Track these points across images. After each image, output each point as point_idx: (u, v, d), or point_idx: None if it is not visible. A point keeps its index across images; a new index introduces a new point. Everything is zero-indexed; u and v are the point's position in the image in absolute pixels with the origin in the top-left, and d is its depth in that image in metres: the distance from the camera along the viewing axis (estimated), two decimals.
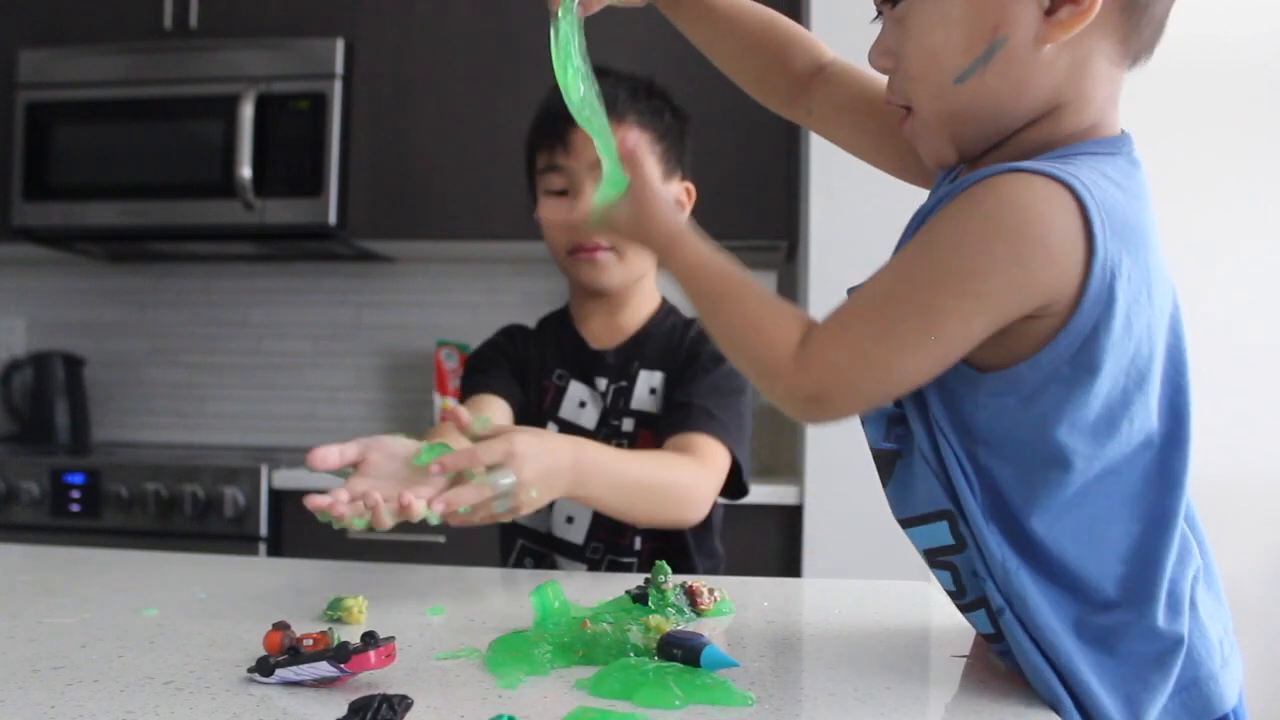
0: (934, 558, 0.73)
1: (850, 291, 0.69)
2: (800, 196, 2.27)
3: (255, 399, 2.90)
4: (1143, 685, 0.67)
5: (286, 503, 2.24)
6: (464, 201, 2.47)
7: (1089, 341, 0.63)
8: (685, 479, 1.11)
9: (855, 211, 2.06)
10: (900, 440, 0.72)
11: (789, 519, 2.05)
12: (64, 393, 2.79)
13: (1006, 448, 0.68)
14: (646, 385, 1.27)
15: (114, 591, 0.95)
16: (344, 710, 0.58)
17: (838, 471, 2.00)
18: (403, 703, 0.58)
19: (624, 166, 0.80)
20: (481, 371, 1.30)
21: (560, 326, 1.35)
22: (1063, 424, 0.65)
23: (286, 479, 2.23)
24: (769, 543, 2.08)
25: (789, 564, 2.06)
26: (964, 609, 0.74)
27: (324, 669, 0.65)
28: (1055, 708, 0.66)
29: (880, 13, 0.75)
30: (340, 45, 2.46)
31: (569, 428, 1.27)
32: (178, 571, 1.06)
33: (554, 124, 1.23)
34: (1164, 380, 0.68)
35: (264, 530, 2.21)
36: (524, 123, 2.40)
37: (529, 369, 1.31)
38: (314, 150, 2.43)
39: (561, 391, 1.29)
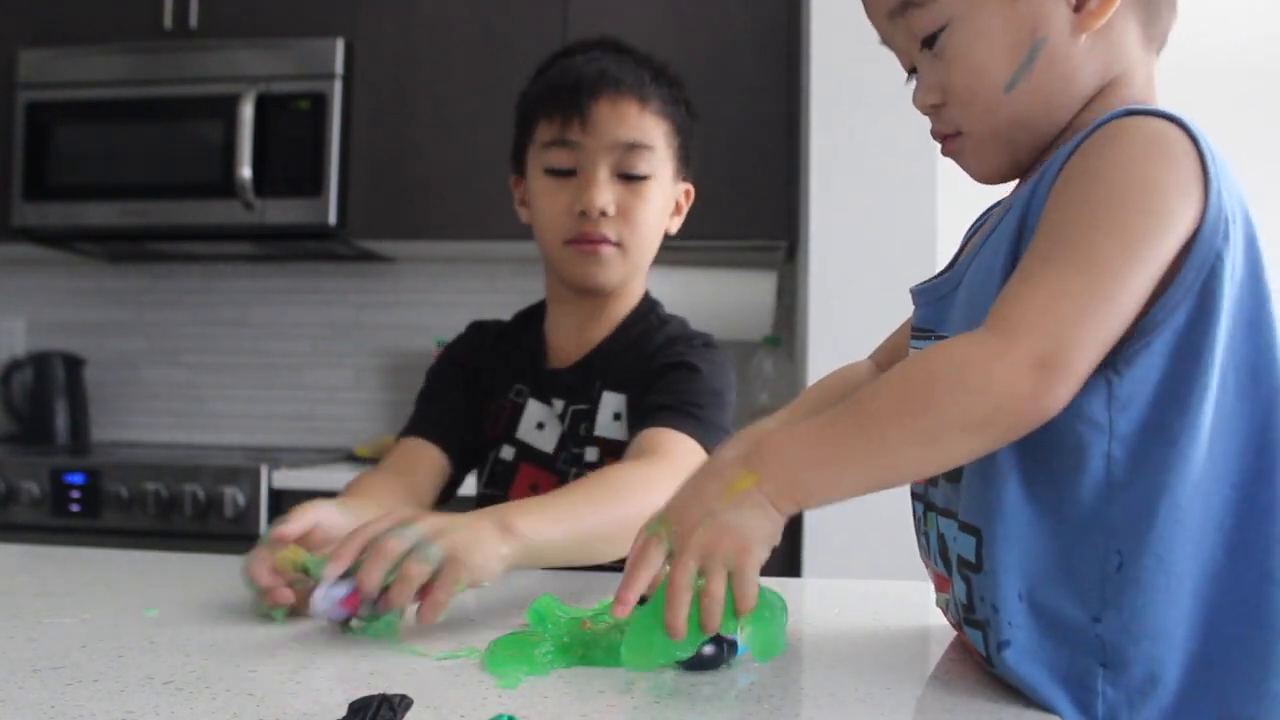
0: (960, 568, 0.72)
1: (1012, 276, 0.64)
2: (800, 196, 2.27)
3: (255, 399, 2.90)
4: None
5: (286, 503, 2.24)
6: (464, 201, 2.47)
7: (1213, 274, 0.62)
8: (641, 501, 0.83)
9: (855, 211, 2.06)
10: None
11: (789, 519, 2.05)
12: (64, 393, 2.79)
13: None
14: (610, 410, 1.14)
15: (114, 591, 0.95)
16: (344, 710, 0.58)
17: None
18: (403, 703, 0.58)
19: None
20: (429, 401, 1.21)
21: (527, 331, 1.24)
22: (1205, 375, 0.63)
23: (286, 479, 2.23)
24: None
25: (789, 564, 2.06)
26: (966, 624, 0.73)
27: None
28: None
29: (911, 72, 0.77)
30: (340, 45, 2.46)
31: (527, 450, 1.17)
32: (178, 571, 1.06)
33: (574, 93, 1.08)
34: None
35: (264, 530, 2.21)
36: None
37: (482, 380, 1.22)
38: (314, 150, 2.43)
39: (519, 409, 1.18)
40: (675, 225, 1.21)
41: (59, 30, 2.60)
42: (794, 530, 2.06)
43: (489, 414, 1.21)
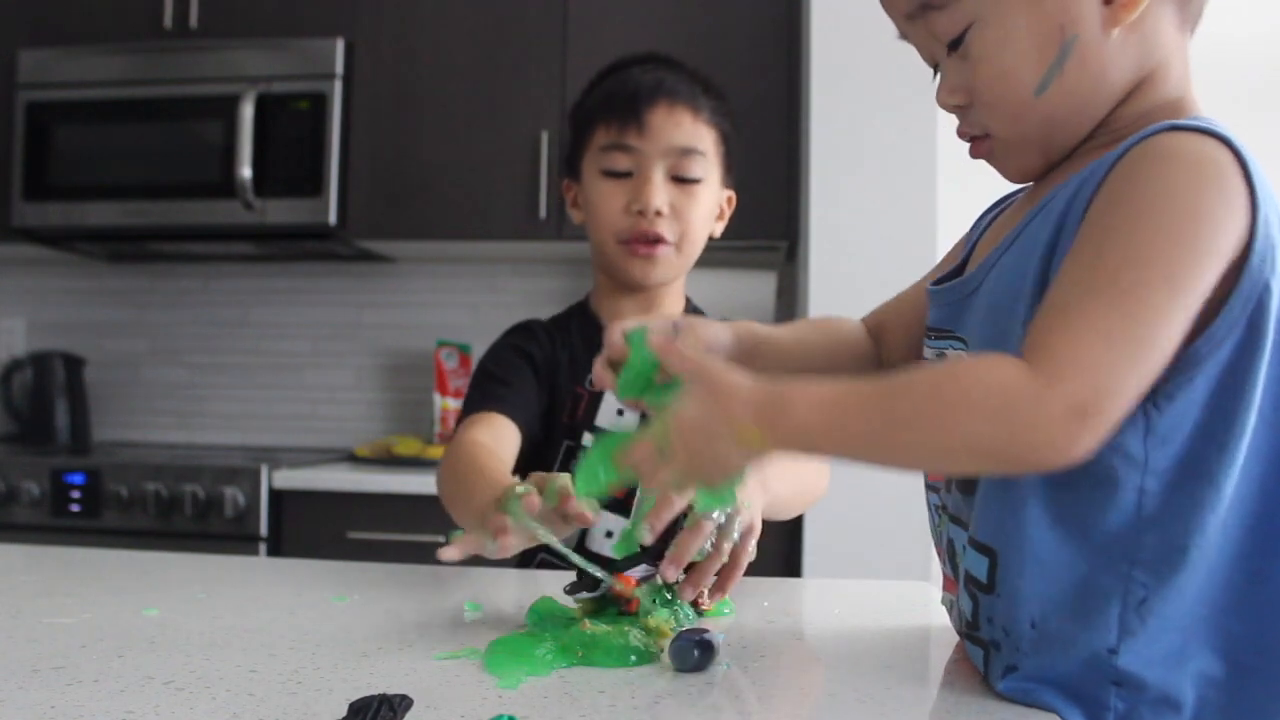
0: (969, 585, 0.71)
1: (1047, 302, 0.61)
2: (800, 196, 2.27)
3: (255, 399, 2.90)
4: None
5: (286, 503, 2.24)
6: (464, 201, 2.47)
7: (1261, 303, 0.60)
8: (814, 471, 1.10)
9: (855, 211, 2.06)
10: None
11: (789, 519, 2.05)
12: (64, 393, 2.79)
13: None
14: None
15: (114, 591, 0.95)
16: (344, 710, 0.58)
17: (838, 472, 2.00)
18: (403, 703, 0.58)
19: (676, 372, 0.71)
20: (501, 382, 1.18)
21: (586, 326, 1.25)
22: (1247, 408, 0.61)
23: (286, 479, 2.23)
24: (769, 543, 2.07)
25: (789, 564, 2.06)
26: (967, 638, 0.72)
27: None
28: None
29: (935, 68, 0.74)
30: (340, 45, 2.46)
31: None
32: (178, 571, 1.06)
33: (632, 101, 1.15)
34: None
35: (264, 530, 2.21)
36: (524, 123, 2.43)
37: (557, 373, 1.21)
38: (314, 150, 2.43)
39: (597, 398, 1.20)
40: (719, 229, 1.27)
41: (59, 30, 2.60)
42: (794, 530, 2.06)
43: (560, 405, 1.22)
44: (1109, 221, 0.61)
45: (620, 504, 1.20)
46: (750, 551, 0.88)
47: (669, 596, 0.84)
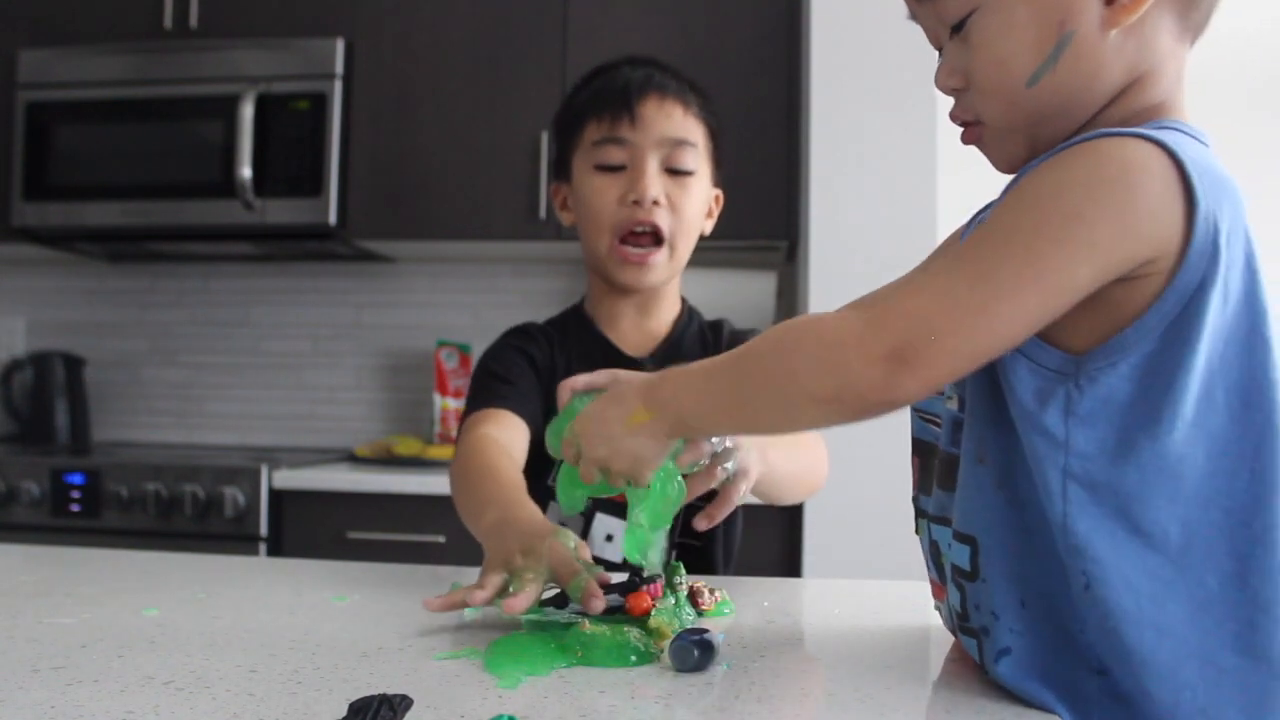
0: (955, 576, 0.71)
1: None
2: (800, 196, 2.27)
3: (255, 399, 2.90)
4: None
5: (286, 503, 2.24)
6: (464, 201, 2.47)
7: (1195, 299, 0.60)
8: (818, 445, 1.11)
9: (855, 211, 2.06)
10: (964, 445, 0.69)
11: (789, 519, 2.05)
12: (64, 393, 2.79)
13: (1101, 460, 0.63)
14: None
15: (114, 591, 0.95)
16: (344, 710, 0.58)
17: (838, 472, 2.00)
18: (403, 703, 0.58)
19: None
20: (504, 380, 1.18)
21: (583, 330, 1.25)
22: (1176, 397, 0.61)
23: (286, 479, 2.23)
24: (769, 543, 2.08)
25: (789, 564, 2.06)
26: (960, 631, 0.73)
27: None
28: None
29: (940, 49, 0.75)
30: (340, 45, 2.46)
31: None
32: (178, 571, 1.06)
33: (624, 94, 1.16)
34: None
35: (264, 530, 2.21)
36: (524, 123, 2.43)
37: (555, 378, 1.19)
38: (314, 150, 2.43)
39: None
40: (709, 227, 1.26)
41: (59, 30, 2.60)
42: (794, 530, 2.06)
43: (556, 410, 1.21)
44: (1003, 204, 0.64)
45: (620, 507, 1.20)
46: (742, 492, 0.90)
47: (681, 597, 0.85)
